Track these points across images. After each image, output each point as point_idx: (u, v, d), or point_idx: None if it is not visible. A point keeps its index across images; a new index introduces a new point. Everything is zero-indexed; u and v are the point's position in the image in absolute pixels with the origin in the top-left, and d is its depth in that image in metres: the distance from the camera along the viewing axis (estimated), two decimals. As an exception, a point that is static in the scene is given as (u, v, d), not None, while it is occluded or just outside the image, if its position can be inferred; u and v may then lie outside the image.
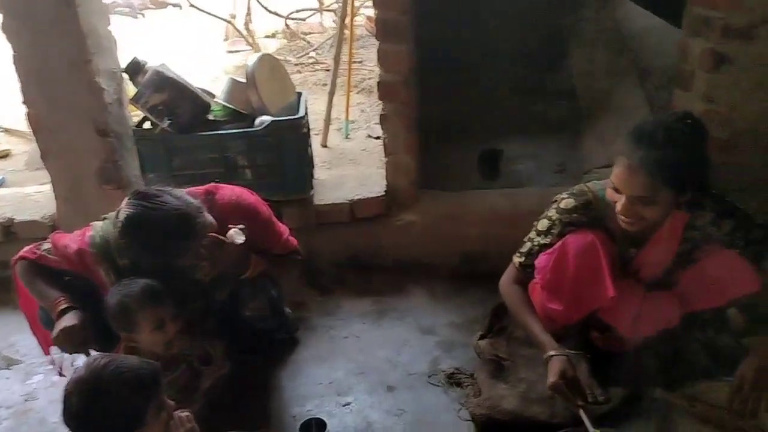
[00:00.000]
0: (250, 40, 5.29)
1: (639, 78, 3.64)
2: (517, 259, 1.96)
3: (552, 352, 1.76)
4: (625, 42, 3.92)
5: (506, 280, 2.00)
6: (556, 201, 1.90)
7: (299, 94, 2.71)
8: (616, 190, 1.68)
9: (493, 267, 2.54)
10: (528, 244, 1.93)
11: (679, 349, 2.04)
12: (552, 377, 1.71)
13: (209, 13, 5.33)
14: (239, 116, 2.55)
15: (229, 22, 5.40)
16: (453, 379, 2.07)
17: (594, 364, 1.99)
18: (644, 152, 1.60)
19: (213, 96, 2.64)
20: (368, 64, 4.46)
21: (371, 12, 3.19)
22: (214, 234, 1.84)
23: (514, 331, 2.22)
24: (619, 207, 1.68)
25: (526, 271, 1.93)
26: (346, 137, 3.48)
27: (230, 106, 2.54)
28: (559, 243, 1.81)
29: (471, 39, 4.45)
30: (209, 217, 1.82)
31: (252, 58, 2.64)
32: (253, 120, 2.51)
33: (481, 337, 2.20)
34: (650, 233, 1.81)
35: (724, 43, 2.22)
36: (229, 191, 2.01)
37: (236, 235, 1.87)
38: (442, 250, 2.61)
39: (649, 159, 1.60)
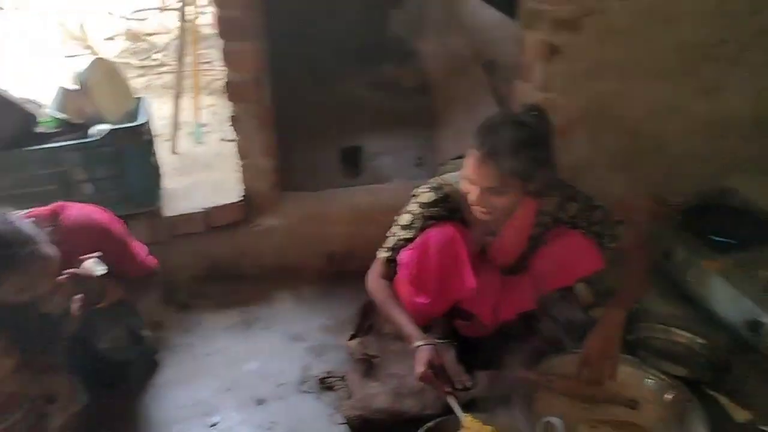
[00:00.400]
0: (87, 44, 4.90)
1: (485, 71, 3.79)
2: (382, 255, 1.96)
3: (418, 343, 1.78)
4: (471, 35, 4.07)
5: (372, 276, 1.99)
6: (415, 195, 1.93)
7: (140, 99, 2.53)
8: (470, 182, 1.72)
9: (360, 265, 2.53)
10: (392, 239, 1.94)
11: (536, 328, 2.15)
12: (419, 367, 1.73)
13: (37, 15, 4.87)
14: (72, 127, 2.32)
15: (61, 24, 4.97)
16: (325, 384, 2.03)
17: (460, 351, 2.04)
18: (492, 145, 1.66)
19: (41, 106, 2.39)
20: (218, 64, 4.28)
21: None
22: (71, 270, 1.65)
23: (383, 327, 2.22)
24: (472, 198, 1.73)
25: (392, 265, 1.93)
26: (199, 142, 3.31)
27: (60, 116, 2.31)
28: (421, 237, 1.84)
29: (322, 37, 4.45)
30: (47, 249, 1.61)
31: (84, 64, 2.43)
32: (89, 130, 2.30)
33: (352, 337, 2.19)
34: (503, 221, 1.89)
35: (555, 34, 2.35)
36: (77, 211, 1.82)
37: (94, 265, 1.70)
38: (307, 253, 2.56)
39: (497, 151, 1.65)
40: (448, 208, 1.87)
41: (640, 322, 2.17)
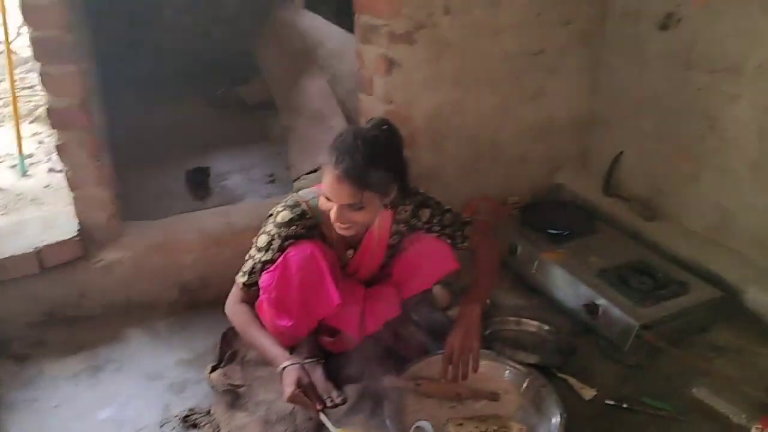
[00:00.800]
0: None
1: (330, 84, 3.83)
2: (240, 279, 1.90)
3: (285, 363, 1.75)
4: (313, 50, 4.08)
5: (231, 302, 1.93)
6: (272, 215, 1.88)
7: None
8: (328, 199, 1.72)
9: (216, 293, 2.45)
10: (249, 262, 1.88)
11: (399, 334, 2.19)
12: (288, 388, 1.69)
13: None
14: None
15: None
16: (189, 422, 1.91)
17: (328, 367, 2.03)
18: (347, 163, 1.66)
19: None
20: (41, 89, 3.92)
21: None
22: None
23: (246, 354, 2.15)
24: (333, 215, 1.73)
25: (251, 290, 1.88)
26: (24, 174, 3.00)
27: None
28: (281, 259, 1.80)
29: (158, 57, 4.26)
30: None
31: None
32: None
33: (213, 369, 2.09)
34: (363, 234, 1.91)
35: (392, 48, 2.43)
36: None
37: None
38: (157, 285, 2.40)
39: (352, 169, 1.66)
40: (306, 226, 1.85)
41: (492, 316, 2.29)
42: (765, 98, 2.25)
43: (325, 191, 1.73)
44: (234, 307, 1.91)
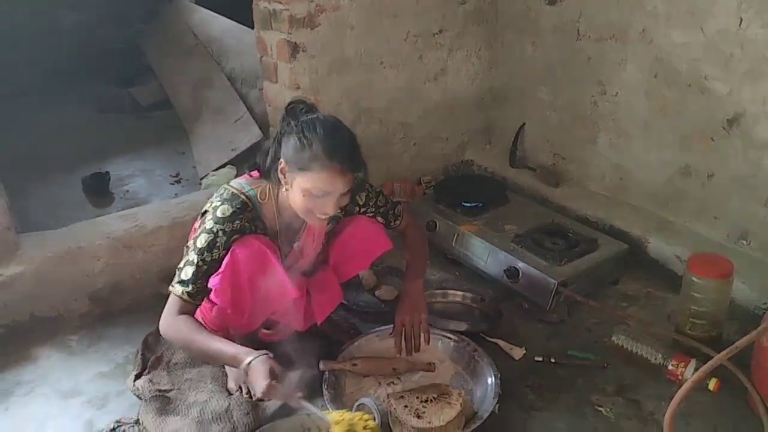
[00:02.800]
0: None
1: (228, 79, 3.73)
2: (180, 289, 1.66)
3: (249, 358, 1.59)
4: (206, 46, 3.96)
5: (169, 317, 1.67)
6: (208, 212, 1.71)
7: None
8: (320, 194, 1.63)
9: (131, 299, 2.34)
10: (190, 269, 1.66)
11: (330, 318, 2.17)
12: (262, 381, 1.54)
13: None
14: None
15: None
16: (116, 435, 1.80)
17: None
18: (344, 153, 1.62)
19: None
20: None
21: None
22: None
23: (172, 357, 2.06)
24: (329, 208, 1.66)
25: (197, 298, 1.69)
26: None
27: None
28: (228, 258, 1.66)
29: (39, 61, 3.98)
30: None
31: None
32: None
33: (137, 377, 1.98)
34: (302, 224, 1.85)
35: (294, 32, 2.39)
36: None
37: None
38: (64, 297, 2.24)
39: (350, 158, 1.63)
40: (249, 219, 1.72)
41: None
42: (649, 61, 2.42)
43: (321, 187, 1.61)
44: (173, 322, 1.66)
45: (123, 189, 3.05)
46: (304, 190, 1.64)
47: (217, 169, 3.03)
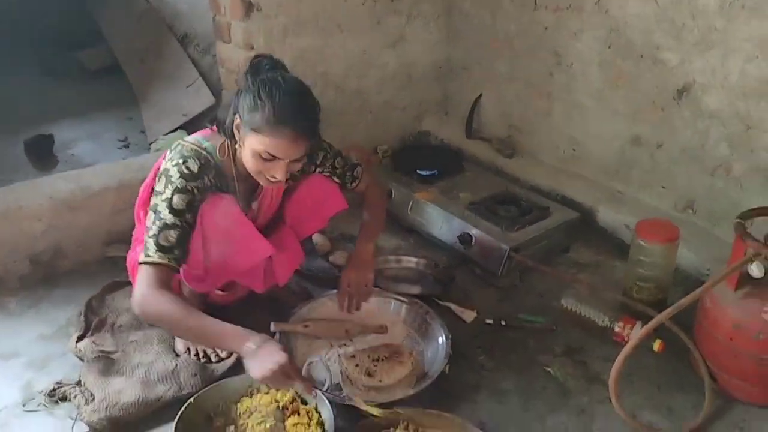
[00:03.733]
0: None
1: (181, 44, 3.63)
2: (157, 260, 1.52)
3: (257, 342, 1.47)
4: (158, 11, 3.84)
5: (148, 292, 1.51)
6: (169, 170, 1.58)
7: None
8: (267, 158, 1.56)
9: (74, 263, 2.26)
10: (172, 233, 1.54)
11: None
12: (269, 367, 1.43)
13: None
14: None
15: None
16: (56, 396, 1.72)
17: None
18: (300, 118, 1.54)
19: None
20: None
21: None
22: None
23: (117, 319, 2.00)
24: (278, 174, 1.59)
25: (182, 262, 1.57)
26: None
27: None
28: (200, 220, 1.60)
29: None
30: None
31: None
32: None
33: (80, 338, 1.91)
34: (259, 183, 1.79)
35: (249, -10, 2.33)
36: None
37: None
38: (3, 258, 2.14)
39: (306, 124, 1.56)
40: (213, 175, 1.65)
41: (375, 257, 2.31)
42: (603, 32, 2.44)
43: (269, 151, 1.54)
44: (156, 296, 1.50)
45: (68, 153, 2.93)
46: (253, 152, 1.58)
47: (168, 134, 2.94)
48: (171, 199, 1.56)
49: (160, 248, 1.53)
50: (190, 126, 3.03)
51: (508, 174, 2.78)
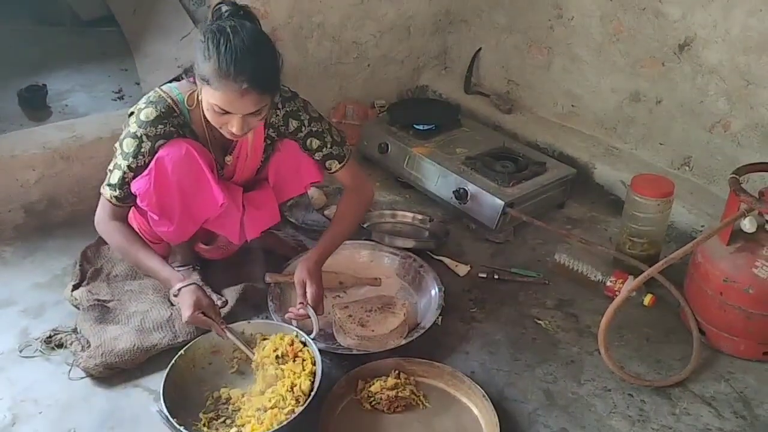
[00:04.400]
0: None
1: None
2: (109, 193, 1.65)
3: (179, 285, 1.61)
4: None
5: (104, 219, 1.68)
6: (133, 113, 1.64)
7: None
8: (222, 113, 1.52)
9: (68, 213, 2.26)
10: (117, 173, 1.63)
11: (277, 235, 2.15)
12: (186, 310, 1.57)
13: None
14: None
15: None
16: (52, 342, 1.75)
17: (205, 273, 1.96)
18: (251, 72, 1.46)
19: None
20: None
21: None
22: None
23: (112, 269, 2.01)
24: (234, 128, 1.55)
25: (125, 202, 1.67)
26: None
27: None
28: (154, 161, 1.61)
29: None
30: None
31: None
32: None
33: (75, 287, 1.92)
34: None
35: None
36: None
37: None
38: (-3, 208, 2.15)
39: (258, 77, 1.48)
40: (174, 124, 1.65)
41: (370, 211, 2.31)
42: (606, -17, 2.39)
43: (220, 105, 1.51)
44: (107, 224, 1.67)
45: (62, 104, 2.88)
46: (207, 104, 1.55)
47: (162, 85, 2.90)
48: (122, 142, 1.64)
49: (109, 185, 1.66)
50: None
51: (506, 130, 2.76)
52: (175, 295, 1.63)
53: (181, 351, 1.61)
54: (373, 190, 2.01)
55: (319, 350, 1.60)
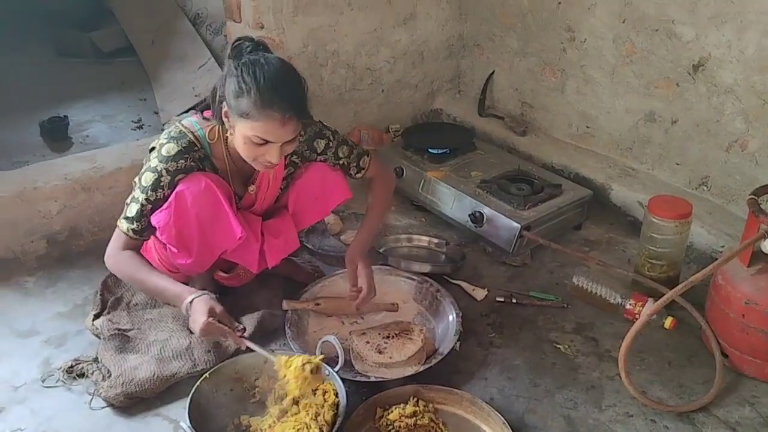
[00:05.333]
0: None
1: (193, 25, 3.62)
2: (126, 226, 1.67)
3: (191, 297, 1.62)
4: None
5: (114, 251, 1.70)
6: (154, 149, 1.69)
7: None
8: (263, 142, 1.57)
9: (89, 242, 2.29)
10: (135, 206, 1.66)
11: (294, 262, 2.16)
12: (201, 317, 1.57)
13: None
14: None
15: None
16: (74, 372, 1.77)
17: (222, 301, 1.96)
18: (287, 100, 1.52)
19: None
20: None
21: None
22: None
23: (132, 298, 2.03)
24: (273, 158, 1.59)
25: (142, 235, 1.69)
26: None
27: None
28: (174, 194, 1.64)
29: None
30: None
31: None
32: None
33: (96, 317, 1.95)
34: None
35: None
36: None
37: None
38: (20, 239, 2.18)
39: (294, 105, 1.54)
40: (195, 158, 1.68)
41: (385, 236, 2.32)
42: (617, 5, 2.40)
43: (260, 135, 1.55)
44: (117, 256, 1.70)
45: (82, 134, 2.96)
46: (245, 137, 1.58)
47: (180, 114, 2.96)
48: (142, 176, 1.67)
49: (126, 218, 1.68)
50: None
51: (521, 152, 2.76)
52: (187, 309, 1.62)
53: (206, 374, 1.62)
54: (394, 175, 2.15)
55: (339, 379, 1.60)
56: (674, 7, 2.23)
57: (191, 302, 1.61)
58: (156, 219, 1.66)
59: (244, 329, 1.85)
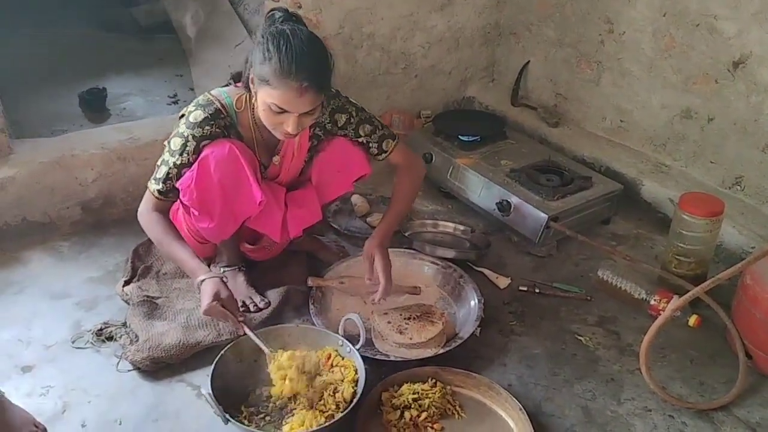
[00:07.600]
0: None
1: (231, 3, 3.65)
2: (153, 187, 1.73)
3: (203, 276, 1.67)
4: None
5: (145, 211, 1.76)
6: (184, 116, 1.74)
7: None
8: (279, 111, 1.59)
9: (121, 209, 2.35)
10: (163, 168, 1.72)
11: (320, 241, 2.19)
12: (205, 300, 1.62)
13: None
14: None
15: None
16: (103, 335, 1.82)
17: (250, 274, 2.00)
18: (309, 71, 1.54)
19: None
20: None
21: None
22: None
23: (161, 267, 2.08)
24: (289, 128, 1.61)
25: (168, 197, 1.74)
26: None
27: None
28: (199, 158, 1.68)
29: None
30: None
31: None
32: None
33: (126, 283, 2.00)
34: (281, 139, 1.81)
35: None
36: None
37: None
38: (56, 204, 2.24)
39: (315, 76, 1.56)
40: (221, 126, 1.72)
41: (412, 220, 2.34)
42: (659, -1, 2.36)
43: (277, 103, 1.57)
44: (148, 215, 1.75)
45: (120, 107, 3.01)
46: (264, 104, 1.61)
47: (212, 90, 3.00)
48: (171, 140, 1.72)
49: (155, 179, 1.74)
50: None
51: (552, 143, 2.75)
52: (198, 287, 1.66)
53: (231, 343, 1.66)
54: (424, 167, 2.11)
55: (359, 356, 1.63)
56: (717, 2, 2.18)
57: (201, 281, 1.66)
58: (180, 182, 1.71)
59: (269, 303, 1.91)
